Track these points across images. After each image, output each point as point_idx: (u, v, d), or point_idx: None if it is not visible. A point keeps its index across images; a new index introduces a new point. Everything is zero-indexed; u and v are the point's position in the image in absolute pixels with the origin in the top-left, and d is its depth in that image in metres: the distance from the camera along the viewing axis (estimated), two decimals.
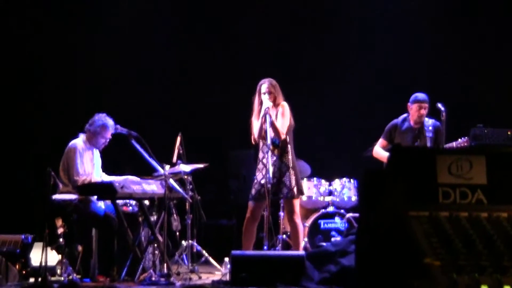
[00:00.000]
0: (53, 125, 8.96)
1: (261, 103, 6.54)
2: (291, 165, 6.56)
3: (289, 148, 6.58)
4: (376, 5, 9.69)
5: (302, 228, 6.76)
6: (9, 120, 9.13)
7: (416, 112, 6.89)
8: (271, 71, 7.25)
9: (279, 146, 6.53)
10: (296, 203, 6.63)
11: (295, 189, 6.53)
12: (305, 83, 9.67)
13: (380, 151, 7.10)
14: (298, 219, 6.60)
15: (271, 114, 6.48)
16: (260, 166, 6.60)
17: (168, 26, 9.77)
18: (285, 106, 6.61)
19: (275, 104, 6.57)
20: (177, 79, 9.81)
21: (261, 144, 6.62)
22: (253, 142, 6.70)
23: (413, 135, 6.96)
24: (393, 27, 9.43)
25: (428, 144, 6.76)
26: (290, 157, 6.57)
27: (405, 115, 7.06)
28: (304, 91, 9.55)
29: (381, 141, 7.15)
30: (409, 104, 6.96)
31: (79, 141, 6.61)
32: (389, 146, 7.05)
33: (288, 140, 6.59)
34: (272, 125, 6.45)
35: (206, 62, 9.82)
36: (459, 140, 6.84)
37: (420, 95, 6.92)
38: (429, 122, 6.92)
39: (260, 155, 6.63)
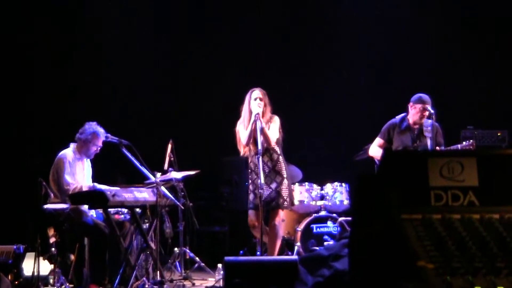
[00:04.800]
0: (45, 135, 8.93)
1: (250, 110, 6.57)
2: (284, 175, 6.63)
3: (281, 159, 6.66)
4: (372, 6, 9.70)
5: (281, 234, 6.80)
6: (0, 130, 9.08)
7: (419, 112, 6.80)
8: (263, 78, 7.26)
9: (270, 152, 6.56)
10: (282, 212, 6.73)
11: (288, 200, 6.63)
12: (296, 87, 9.68)
13: (377, 151, 7.00)
14: (279, 223, 6.65)
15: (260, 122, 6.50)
16: (253, 175, 6.64)
17: (160, 33, 9.76)
18: (275, 119, 6.69)
19: (263, 114, 6.59)
20: (167, 85, 9.79)
21: (250, 152, 6.64)
22: (240, 150, 6.73)
23: (413, 136, 6.88)
24: (386, 31, 9.46)
25: (429, 144, 6.68)
26: (283, 167, 6.65)
27: (403, 114, 6.98)
28: (295, 96, 9.56)
29: (378, 141, 7.07)
30: (411, 103, 6.87)
31: (69, 151, 6.59)
32: (386, 145, 6.96)
33: (279, 151, 6.66)
34: (262, 131, 6.47)
35: (198, 68, 9.82)
36: (464, 143, 6.74)
37: (425, 96, 6.85)
38: (428, 122, 6.85)
39: (251, 165, 6.66)
